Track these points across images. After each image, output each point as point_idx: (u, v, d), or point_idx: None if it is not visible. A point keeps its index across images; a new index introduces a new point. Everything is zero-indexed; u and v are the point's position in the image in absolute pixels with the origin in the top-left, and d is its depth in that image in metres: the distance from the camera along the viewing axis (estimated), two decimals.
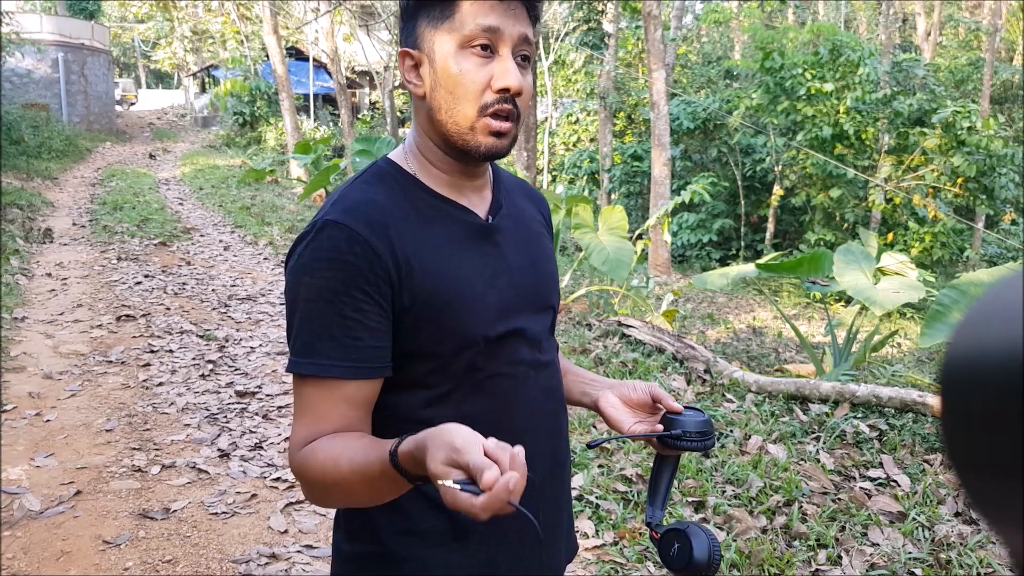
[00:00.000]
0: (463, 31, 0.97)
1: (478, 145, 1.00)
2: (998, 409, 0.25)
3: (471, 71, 0.97)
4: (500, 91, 0.97)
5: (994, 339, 0.25)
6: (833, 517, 3.00)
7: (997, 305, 0.27)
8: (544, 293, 1.14)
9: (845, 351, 5.26)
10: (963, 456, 0.27)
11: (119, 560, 2.83)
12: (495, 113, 0.98)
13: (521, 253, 1.12)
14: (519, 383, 1.08)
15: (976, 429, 0.26)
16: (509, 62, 0.98)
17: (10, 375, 4.67)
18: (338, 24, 18.83)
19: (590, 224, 6.40)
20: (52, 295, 6.71)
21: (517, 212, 1.16)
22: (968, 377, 0.26)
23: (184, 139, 26.08)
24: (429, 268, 1.00)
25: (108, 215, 11.05)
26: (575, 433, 3.76)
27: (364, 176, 1.07)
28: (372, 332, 0.96)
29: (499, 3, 0.97)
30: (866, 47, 11.97)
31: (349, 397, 0.97)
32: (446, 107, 0.99)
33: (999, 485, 0.25)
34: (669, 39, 12.38)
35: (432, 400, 1.03)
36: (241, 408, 4.32)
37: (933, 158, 10.84)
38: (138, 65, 44.03)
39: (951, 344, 0.28)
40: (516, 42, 0.99)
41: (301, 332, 0.97)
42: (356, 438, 0.97)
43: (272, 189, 15.03)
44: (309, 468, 0.95)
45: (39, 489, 3.32)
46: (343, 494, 0.96)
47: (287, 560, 2.88)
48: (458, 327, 1.01)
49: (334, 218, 0.97)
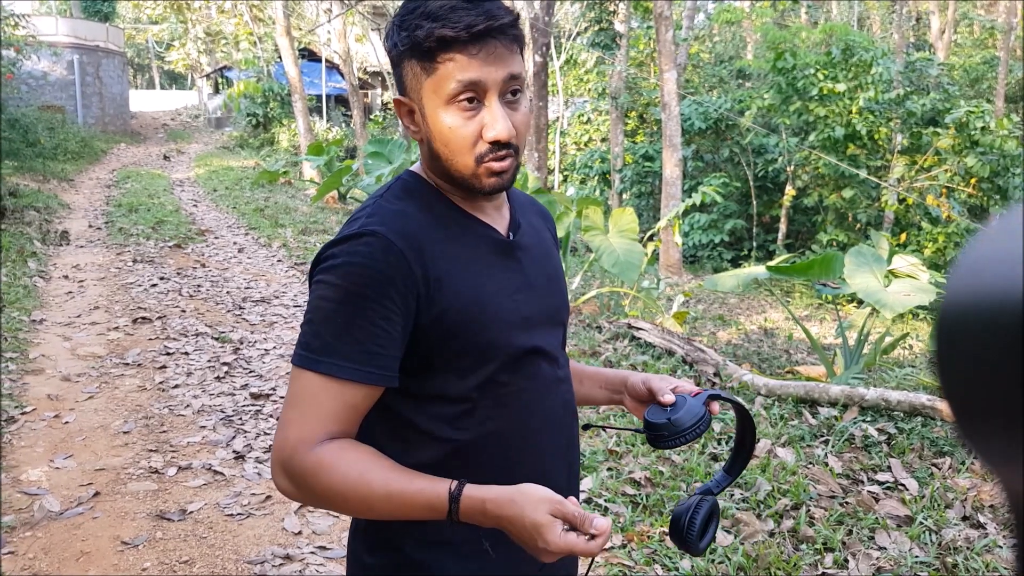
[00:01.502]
0: (447, 88, 0.98)
1: (482, 187, 1.03)
2: (997, 352, 0.24)
3: (460, 126, 0.99)
4: (491, 141, 0.99)
5: (992, 280, 0.25)
6: (840, 521, 3.02)
7: (995, 246, 0.26)
8: (559, 308, 1.19)
9: (856, 353, 5.27)
10: (961, 401, 0.26)
11: (137, 561, 2.89)
12: (493, 158, 1.01)
13: (538, 270, 1.16)
14: (540, 397, 1.12)
15: (975, 373, 0.25)
16: (497, 110, 0.99)
17: (29, 377, 4.75)
18: (350, 25, 18.92)
19: (600, 226, 6.43)
20: (69, 297, 6.80)
21: (532, 230, 1.20)
22: (966, 319, 0.26)
23: (198, 140, 26.26)
24: (457, 283, 1.03)
25: (123, 217, 11.16)
26: (583, 436, 3.79)
27: (394, 189, 1.10)
28: (392, 342, 0.99)
29: (476, 56, 0.97)
30: (879, 47, 11.94)
31: (356, 401, 1.00)
32: (444, 156, 1.02)
33: (998, 429, 0.25)
34: (681, 39, 12.38)
35: (455, 416, 1.06)
36: (256, 410, 4.38)
37: (946, 158, 10.80)
38: (152, 66, 44.34)
39: (948, 286, 0.27)
40: (502, 85, 1.00)
41: (323, 331, 0.98)
42: (376, 456, 1.00)
43: (285, 191, 15.13)
44: (325, 475, 0.97)
45: (59, 490, 3.39)
46: (359, 508, 1.00)
47: (301, 561, 2.93)
48: (483, 341, 1.04)
49: (373, 228, 1.00)
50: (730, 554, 2.78)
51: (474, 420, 1.06)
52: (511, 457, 1.09)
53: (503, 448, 1.08)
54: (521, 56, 1.04)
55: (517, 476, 1.05)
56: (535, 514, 0.92)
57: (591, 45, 14.79)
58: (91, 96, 23.47)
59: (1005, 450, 0.25)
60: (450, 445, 1.06)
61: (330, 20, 18.06)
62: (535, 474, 1.07)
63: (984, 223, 0.29)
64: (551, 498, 0.94)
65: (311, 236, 10.22)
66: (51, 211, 11.19)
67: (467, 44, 0.96)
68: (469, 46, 0.96)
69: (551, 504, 0.93)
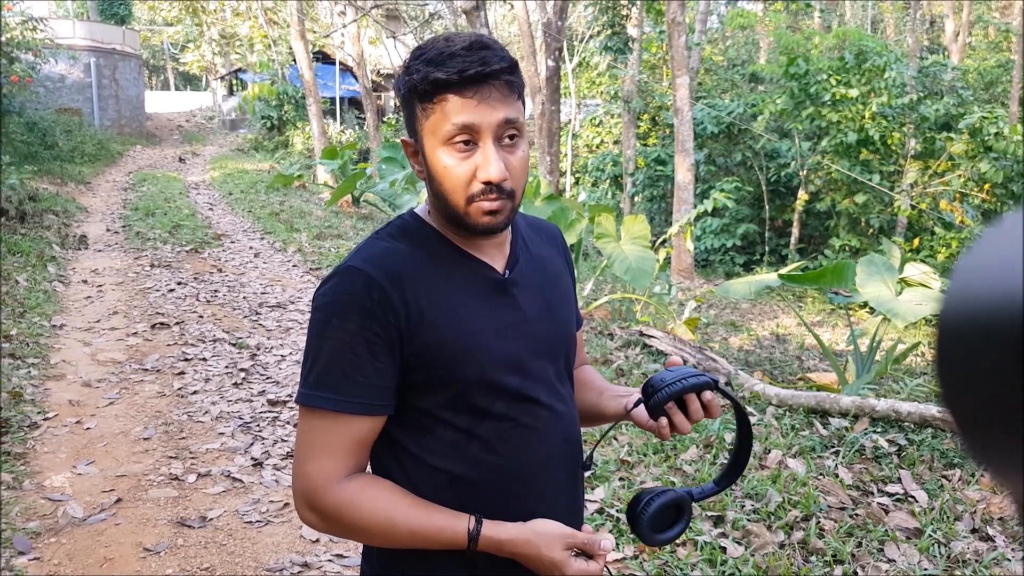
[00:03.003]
0: (442, 129, 1.03)
1: (475, 225, 1.07)
2: (996, 359, 0.24)
3: (454, 167, 1.04)
4: (484, 183, 1.04)
5: (991, 286, 0.25)
6: (850, 533, 3.06)
7: (993, 252, 0.26)
8: (560, 339, 1.21)
9: (868, 361, 5.29)
10: (960, 408, 0.26)
11: (159, 567, 2.96)
12: (484, 199, 1.05)
13: (537, 302, 1.18)
14: (537, 434, 1.14)
15: (974, 379, 0.25)
16: (490, 152, 1.03)
17: (51, 383, 4.84)
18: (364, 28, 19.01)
19: (612, 233, 6.47)
20: (88, 302, 6.90)
21: (535, 260, 1.22)
22: (965, 325, 0.26)
23: (212, 142, 26.44)
24: (439, 320, 1.07)
25: (140, 221, 11.28)
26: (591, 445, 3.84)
27: (389, 228, 1.15)
28: (379, 371, 1.04)
29: (473, 95, 1.01)
30: (892, 51, 11.92)
31: (354, 432, 1.06)
32: (441, 195, 1.07)
33: (998, 436, 0.24)
34: (693, 43, 12.39)
35: (449, 448, 1.10)
36: (273, 417, 4.45)
37: (960, 163, 10.77)
38: (167, 67, 44.65)
39: (947, 291, 0.27)
40: (497, 129, 1.03)
41: (315, 366, 1.05)
42: (397, 492, 1.07)
43: (300, 195, 15.23)
44: (353, 512, 1.04)
45: (82, 496, 3.47)
46: (384, 542, 1.07)
47: (319, 569, 2.99)
48: (465, 377, 1.08)
49: (356, 264, 1.06)
50: (740, 565, 2.82)
51: (468, 453, 1.10)
52: (507, 492, 1.12)
53: (499, 482, 1.11)
54: (520, 101, 1.08)
55: (513, 510, 1.10)
56: (551, 552, 1.04)
57: (604, 49, 14.83)
58: (107, 99, 23.68)
59: (1006, 456, 0.25)
60: (446, 476, 1.10)
61: (345, 26, 18.16)
62: (532, 510, 1.11)
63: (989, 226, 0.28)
64: (563, 534, 1.05)
65: (326, 241, 10.30)
66: (69, 215, 11.32)
67: (461, 88, 1.01)
68: (463, 90, 1.01)
69: (564, 540, 1.05)
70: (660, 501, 1.17)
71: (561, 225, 6.57)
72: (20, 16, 12.73)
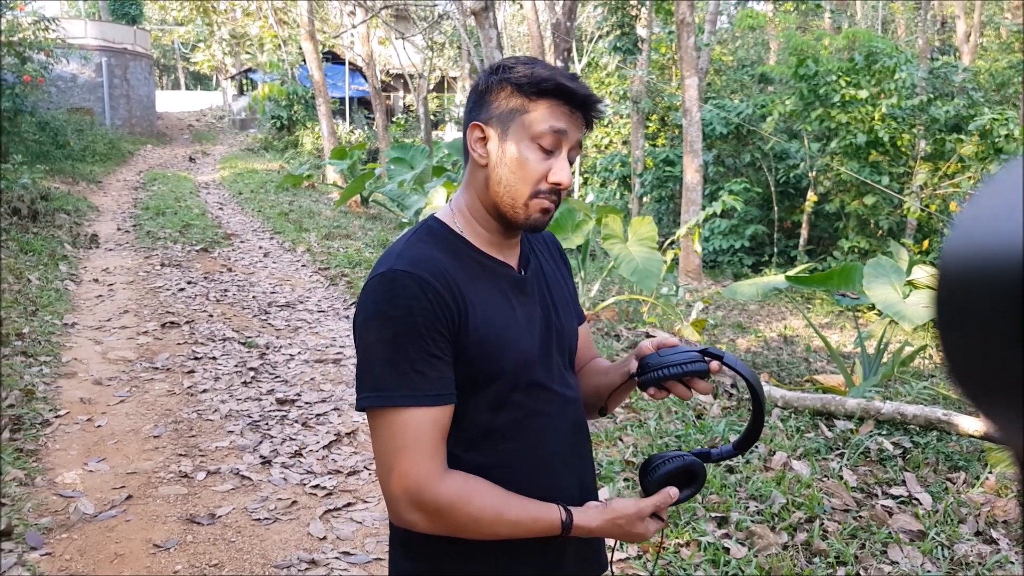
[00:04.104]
0: (537, 127, 1.14)
1: (527, 218, 1.17)
2: (996, 313, 0.24)
3: (535, 162, 1.15)
4: (553, 183, 1.16)
5: (991, 233, 0.24)
6: (854, 534, 3.07)
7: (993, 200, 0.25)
8: (568, 333, 1.31)
9: (875, 363, 5.29)
10: (961, 363, 0.26)
11: (169, 563, 3.00)
12: (545, 198, 1.17)
13: (547, 300, 1.28)
14: (550, 420, 1.23)
15: (974, 335, 0.25)
16: (565, 162, 1.17)
17: (62, 381, 4.89)
18: (373, 28, 19.08)
19: (620, 235, 6.49)
20: (99, 301, 6.96)
21: (542, 262, 1.33)
22: (964, 274, 0.25)
23: (222, 142, 26.56)
24: (481, 316, 1.15)
25: (151, 220, 11.36)
26: (601, 446, 3.86)
27: (419, 234, 1.21)
28: (445, 363, 1.11)
29: (569, 115, 1.16)
30: (903, 52, 11.88)
31: (438, 424, 1.11)
32: (505, 182, 1.16)
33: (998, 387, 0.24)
34: (703, 43, 12.39)
35: (473, 439, 1.18)
36: (282, 415, 4.49)
37: (970, 165, 10.73)
38: (177, 67, 44.85)
39: (948, 240, 0.27)
40: (573, 145, 1.18)
41: (384, 368, 1.09)
42: (493, 485, 1.14)
43: (309, 195, 15.29)
44: (464, 507, 1.10)
45: (92, 493, 3.51)
46: (487, 534, 1.13)
47: (326, 566, 3.03)
48: (501, 369, 1.16)
49: (404, 269, 1.11)
50: (743, 566, 2.84)
51: (491, 442, 1.18)
52: (524, 477, 1.19)
53: (516, 469, 1.19)
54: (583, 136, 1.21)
55: (531, 493, 1.17)
56: (634, 528, 1.18)
57: (613, 49, 14.83)
58: (119, 98, 23.82)
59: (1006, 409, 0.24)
60: (470, 466, 1.16)
61: (355, 26, 18.21)
62: (549, 490, 1.19)
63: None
64: (640, 509, 1.17)
65: (334, 241, 10.35)
66: (80, 214, 11.40)
67: (569, 102, 1.15)
68: (568, 104, 1.15)
69: (641, 514, 1.17)
70: (670, 466, 1.21)
71: (568, 226, 6.59)
72: (33, 16, 12.82)
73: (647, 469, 1.23)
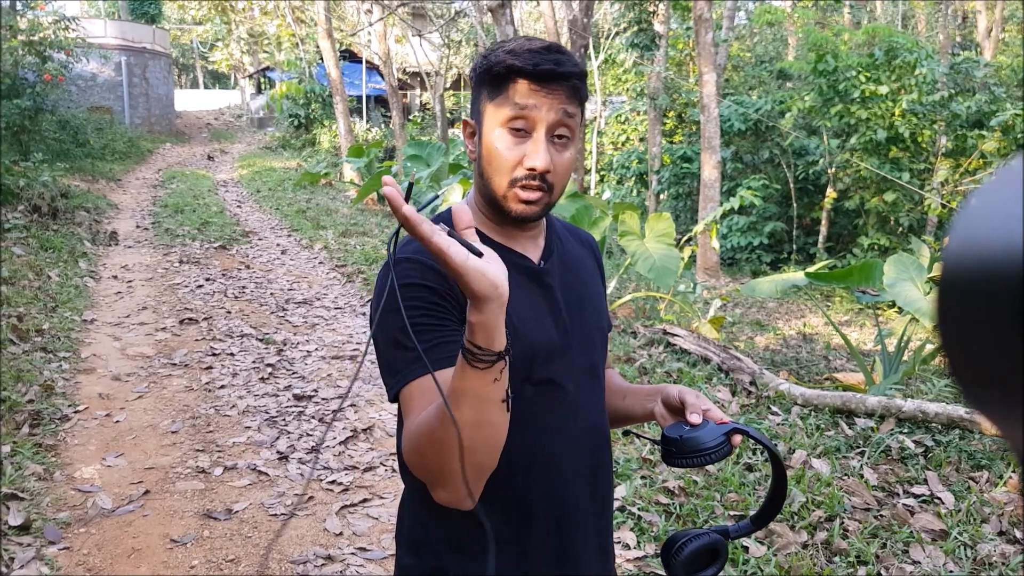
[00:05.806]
0: (505, 111, 1.09)
1: (510, 210, 1.12)
2: (996, 309, 0.24)
3: (506, 148, 1.10)
4: (529, 169, 1.09)
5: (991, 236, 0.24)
6: (875, 534, 3.03)
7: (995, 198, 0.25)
8: (593, 332, 1.24)
9: (896, 360, 5.23)
10: (961, 359, 0.26)
11: (186, 558, 3.01)
12: (524, 186, 1.10)
13: (569, 293, 1.22)
14: (559, 421, 1.17)
15: (974, 331, 0.25)
16: (540, 144, 1.09)
17: (81, 376, 4.93)
18: (390, 27, 19.10)
19: (636, 232, 6.45)
20: (118, 297, 7.01)
21: (568, 256, 1.27)
22: (965, 277, 0.25)
23: (241, 140, 26.71)
24: None
25: (170, 218, 11.43)
26: (617, 444, 3.84)
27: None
28: (453, 331, 1.05)
29: (539, 88, 1.09)
30: (923, 48, 11.75)
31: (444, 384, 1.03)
32: (486, 175, 1.13)
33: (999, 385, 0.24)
34: (721, 39, 12.30)
35: None
36: (298, 411, 4.50)
37: (992, 161, 10.61)
38: (196, 66, 45.18)
39: (949, 238, 0.27)
40: (552, 124, 1.09)
41: (399, 353, 1.05)
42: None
43: (326, 192, 15.34)
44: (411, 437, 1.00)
45: (111, 488, 3.53)
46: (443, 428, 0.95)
47: (342, 562, 3.02)
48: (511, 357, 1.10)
49: (407, 255, 1.09)
50: (763, 565, 2.81)
51: None
52: (525, 479, 1.13)
53: (516, 468, 1.11)
54: (580, 110, 1.13)
55: (532, 498, 1.13)
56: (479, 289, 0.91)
57: (630, 46, 14.78)
58: (138, 97, 24.03)
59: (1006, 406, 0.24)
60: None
61: (371, 25, 18.25)
62: (551, 498, 1.14)
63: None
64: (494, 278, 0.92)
65: (351, 238, 10.37)
66: (100, 211, 11.50)
67: (531, 78, 1.08)
68: (532, 81, 1.08)
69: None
70: (695, 545, 1.18)
71: (585, 222, 6.56)
72: (53, 15, 12.93)
73: (671, 549, 1.19)
